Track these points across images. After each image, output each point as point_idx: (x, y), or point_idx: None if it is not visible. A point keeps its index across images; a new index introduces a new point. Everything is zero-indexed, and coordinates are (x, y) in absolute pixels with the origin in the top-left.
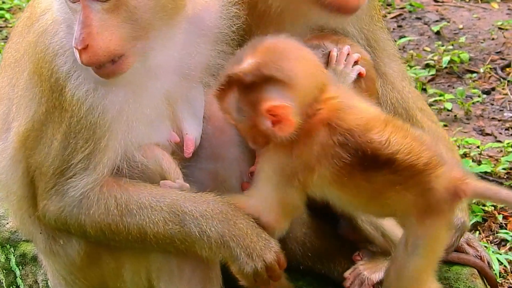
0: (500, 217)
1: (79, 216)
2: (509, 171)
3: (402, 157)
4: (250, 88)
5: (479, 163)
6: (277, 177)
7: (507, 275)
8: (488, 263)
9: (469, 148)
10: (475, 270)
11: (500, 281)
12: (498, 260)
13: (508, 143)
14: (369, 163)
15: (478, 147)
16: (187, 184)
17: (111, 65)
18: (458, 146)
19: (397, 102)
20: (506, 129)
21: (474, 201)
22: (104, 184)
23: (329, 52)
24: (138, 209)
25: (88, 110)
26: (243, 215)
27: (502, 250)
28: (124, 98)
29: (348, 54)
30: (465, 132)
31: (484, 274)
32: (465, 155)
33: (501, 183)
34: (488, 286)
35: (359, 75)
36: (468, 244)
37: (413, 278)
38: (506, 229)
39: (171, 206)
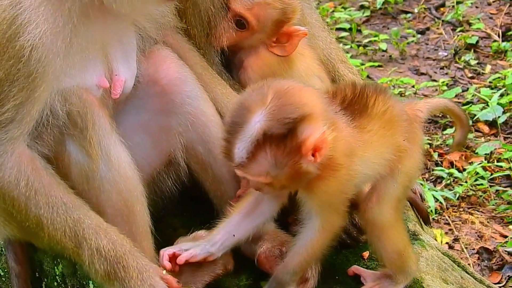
0: (435, 155)
1: None
2: None
3: None
4: (284, 138)
5: None
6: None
7: (443, 211)
8: (420, 195)
9: (405, 87)
10: (407, 202)
11: (436, 218)
12: (434, 197)
13: (443, 82)
14: None
15: (413, 86)
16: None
17: None
18: (394, 86)
19: (322, 52)
20: (441, 68)
21: None
22: (22, 155)
23: None
24: (45, 204)
25: (31, 54)
26: (136, 257)
27: (438, 187)
28: (64, 40)
29: None
30: (400, 72)
31: (416, 206)
32: (400, 95)
33: (436, 121)
34: (419, 217)
35: None
36: None
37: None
38: (441, 166)
39: (75, 223)
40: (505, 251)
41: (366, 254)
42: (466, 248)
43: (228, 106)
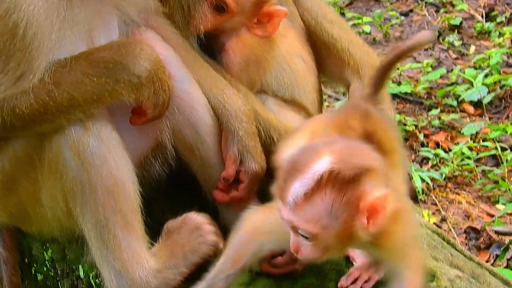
0: (421, 136)
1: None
2: (429, 90)
3: None
4: (346, 184)
5: (399, 83)
6: None
7: (430, 192)
8: (409, 174)
9: None
10: None
11: (423, 198)
12: (421, 178)
13: (428, 63)
14: None
15: (398, 68)
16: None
17: None
18: None
19: (309, 14)
20: (425, 50)
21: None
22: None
23: None
24: (61, 76)
25: (26, 31)
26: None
27: (424, 168)
28: (59, 15)
29: None
30: (384, 55)
31: None
32: None
33: (421, 103)
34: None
35: None
36: None
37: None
38: (427, 147)
39: (89, 61)
40: (493, 230)
41: None
42: (453, 228)
43: (211, 88)
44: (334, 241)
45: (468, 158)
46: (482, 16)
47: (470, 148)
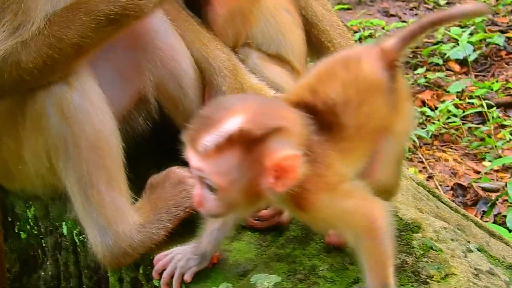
0: None
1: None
2: (414, 49)
3: None
4: (255, 143)
5: None
6: None
7: (417, 150)
8: None
9: (375, 29)
10: None
11: (410, 156)
12: None
13: (413, 22)
14: None
15: (383, 28)
16: None
17: None
18: (363, 28)
19: None
20: (410, 9)
21: None
22: None
23: None
24: (62, 28)
25: None
26: None
27: None
28: None
29: None
30: (369, 14)
31: None
32: (370, 36)
33: (407, 62)
34: None
35: None
36: None
37: None
38: (413, 105)
39: (89, 15)
40: (479, 186)
41: None
42: (440, 185)
43: (194, 42)
44: (239, 198)
45: (454, 115)
46: None
47: (456, 106)
